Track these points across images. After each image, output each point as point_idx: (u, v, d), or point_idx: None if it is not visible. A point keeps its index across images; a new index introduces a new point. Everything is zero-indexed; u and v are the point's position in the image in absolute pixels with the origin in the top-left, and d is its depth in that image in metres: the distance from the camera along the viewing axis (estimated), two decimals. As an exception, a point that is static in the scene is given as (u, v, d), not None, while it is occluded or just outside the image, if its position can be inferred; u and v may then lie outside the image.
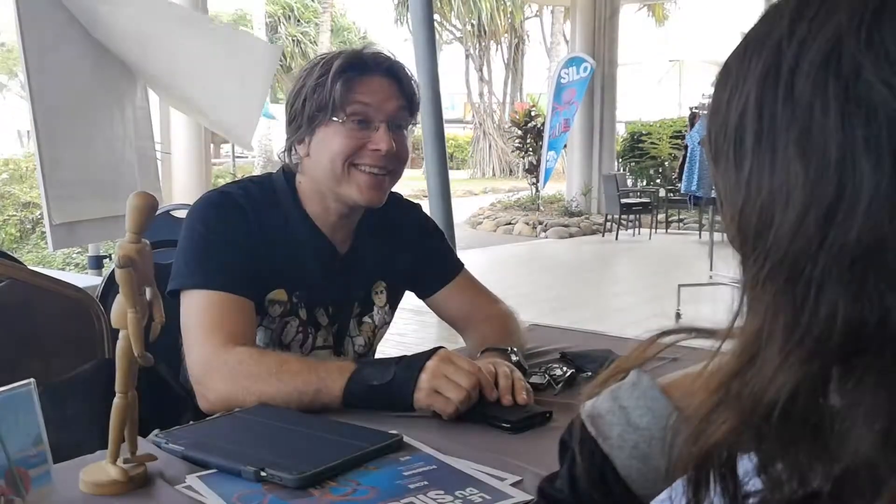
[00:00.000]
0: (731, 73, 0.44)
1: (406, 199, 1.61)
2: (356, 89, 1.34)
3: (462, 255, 1.56)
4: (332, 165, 1.35)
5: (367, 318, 1.50)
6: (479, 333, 1.50)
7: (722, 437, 0.40)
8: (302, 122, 1.37)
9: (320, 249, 1.42)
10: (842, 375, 0.38)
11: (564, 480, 0.60)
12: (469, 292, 1.57)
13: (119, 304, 0.93)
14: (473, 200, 14.73)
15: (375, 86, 1.36)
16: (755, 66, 0.42)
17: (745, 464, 0.42)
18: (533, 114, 12.94)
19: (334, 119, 1.34)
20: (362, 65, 1.37)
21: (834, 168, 0.38)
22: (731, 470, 0.41)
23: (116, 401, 0.95)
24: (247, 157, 19.15)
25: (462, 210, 11.33)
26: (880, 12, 0.39)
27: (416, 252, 1.54)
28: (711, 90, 0.47)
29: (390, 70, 1.38)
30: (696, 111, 6.30)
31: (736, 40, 0.46)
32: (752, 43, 0.44)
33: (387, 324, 1.54)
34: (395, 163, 1.37)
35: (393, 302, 1.54)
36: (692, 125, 6.19)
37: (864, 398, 0.36)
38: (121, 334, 0.94)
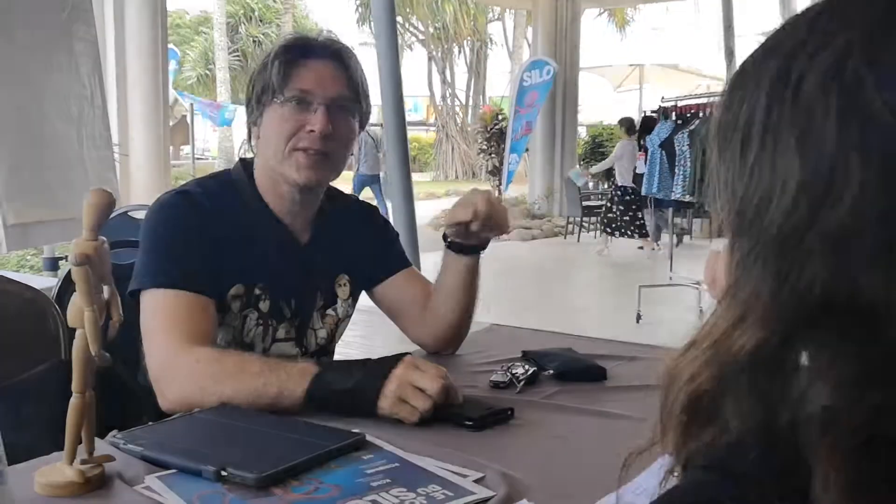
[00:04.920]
0: (746, 74, 0.50)
1: (364, 202, 1.65)
2: (296, 72, 1.37)
3: (424, 256, 1.57)
4: (274, 146, 1.38)
5: (330, 311, 1.50)
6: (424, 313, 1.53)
7: (707, 385, 0.46)
8: (254, 104, 1.41)
9: (280, 240, 1.43)
10: (810, 337, 0.44)
11: None
12: (417, 283, 1.59)
13: (75, 303, 0.92)
14: (436, 203, 14.71)
15: (317, 69, 1.38)
16: (769, 68, 0.47)
17: None
18: (500, 117, 13.01)
19: (275, 100, 1.37)
20: (305, 47, 1.39)
21: (828, 164, 0.43)
22: (715, 415, 0.47)
23: (73, 401, 0.93)
24: (207, 159, 18.95)
25: (425, 212, 11.32)
26: (885, 33, 0.44)
27: (372, 246, 1.56)
28: (726, 88, 0.51)
29: (336, 55, 1.40)
30: (652, 115, 6.38)
31: (695, 45, 0.48)
32: (769, 48, 0.49)
33: (349, 317, 1.54)
34: (332, 145, 1.38)
35: (355, 295, 1.55)
36: (647, 130, 6.25)
37: (825, 357, 0.43)
38: (77, 333, 0.93)
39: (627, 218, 9.02)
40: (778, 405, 0.44)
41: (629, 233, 9.18)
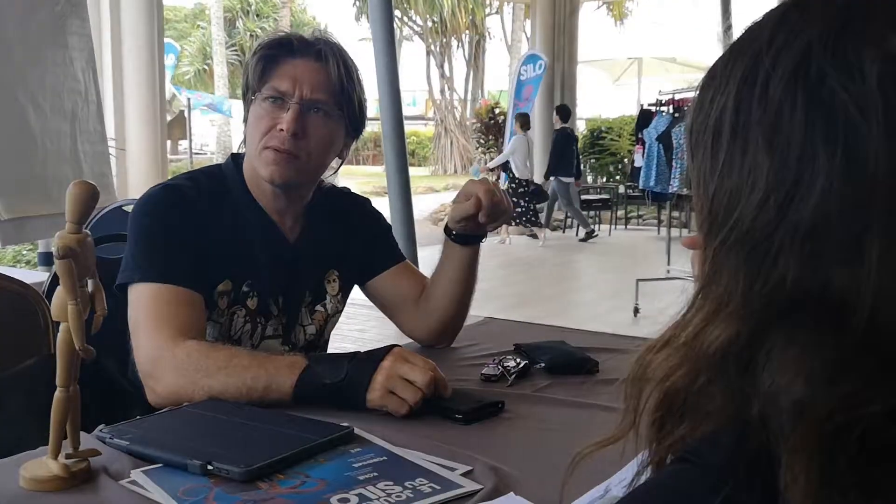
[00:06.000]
0: (715, 76, 0.51)
1: (355, 193, 1.62)
2: (273, 71, 1.36)
3: (423, 251, 1.56)
4: (251, 143, 1.38)
5: (319, 307, 1.49)
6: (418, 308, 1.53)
7: (681, 382, 0.47)
8: (244, 101, 1.42)
9: (269, 237, 1.42)
10: (781, 331, 0.44)
11: None
12: (411, 277, 1.58)
13: (59, 296, 0.91)
14: (435, 197, 14.72)
15: (296, 68, 1.36)
16: (737, 70, 0.49)
17: None
18: (496, 111, 13.03)
19: (254, 98, 1.37)
20: (286, 46, 1.38)
21: (796, 159, 0.44)
22: (689, 411, 0.48)
23: (57, 395, 0.93)
24: (205, 154, 18.92)
25: (423, 207, 11.34)
26: (845, 30, 0.45)
27: (364, 239, 1.55)
28: (697, 91, 0.53)
29: (319, 54, 1.37)
30: (650, 108, 6.37)
31: (693, 38, 0.49)
32: (736, 50, 0.50)
33: (339, 312, 1.53)
34: (303, 146, 1.36)
35: (345, 290, 1.54)
36: (645, 123, 6.24)
37: (796, 350, 0.43)
38: (61, 327, 0.92)
39: (520, 209, 9.47)
40: (750, 398, 0.44)
41: (524, 222, 9.65)
